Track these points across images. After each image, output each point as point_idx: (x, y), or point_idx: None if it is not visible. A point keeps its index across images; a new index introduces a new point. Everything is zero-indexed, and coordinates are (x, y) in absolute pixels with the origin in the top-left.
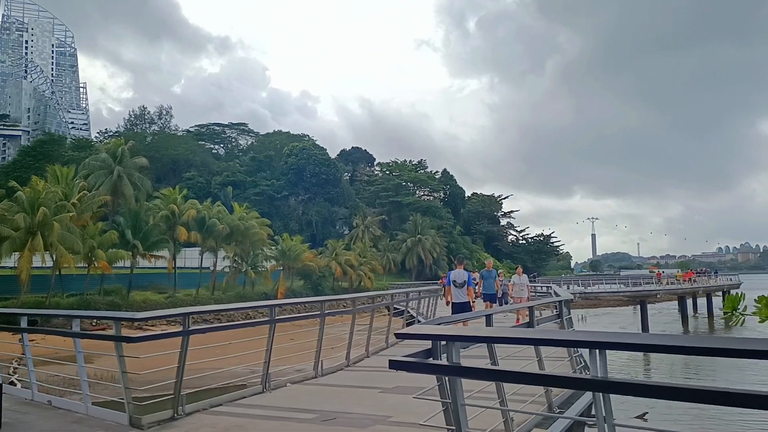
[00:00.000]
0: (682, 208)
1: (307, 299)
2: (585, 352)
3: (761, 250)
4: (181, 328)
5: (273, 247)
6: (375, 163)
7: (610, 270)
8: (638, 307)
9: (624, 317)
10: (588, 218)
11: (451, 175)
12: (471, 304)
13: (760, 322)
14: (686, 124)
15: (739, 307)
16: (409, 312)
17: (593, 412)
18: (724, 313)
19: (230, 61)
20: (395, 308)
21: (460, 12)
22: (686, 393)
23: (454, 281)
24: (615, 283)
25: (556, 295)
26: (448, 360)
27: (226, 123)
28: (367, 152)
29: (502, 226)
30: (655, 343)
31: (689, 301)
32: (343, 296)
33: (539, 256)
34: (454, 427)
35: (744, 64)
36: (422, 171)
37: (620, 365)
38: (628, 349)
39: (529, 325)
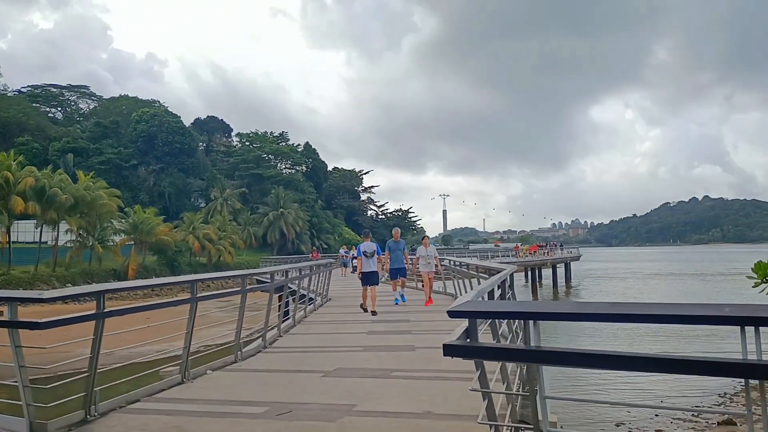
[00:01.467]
0: (523, 187)
1: (228, 273)
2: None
3: (588, 226)
4: (94, 309)
5: (123, 220)
6: (233, 133)
7: (459, 244)
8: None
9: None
10: (440, 195)
11: (314, 149)
12: (379, 273)
13: None
14: (529, 109)
15: None
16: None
17: None
18: (756, 282)
19: (66, 16)
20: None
21: None
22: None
23: (365, 252)
24: (476, 256)
25: (487, 269)
26: (525, 342)
27: (64, 85)
28: (224, 122)
29: (363, 201)
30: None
31: (537, 272)
32: (261, 270)
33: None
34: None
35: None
36: (284, 143)
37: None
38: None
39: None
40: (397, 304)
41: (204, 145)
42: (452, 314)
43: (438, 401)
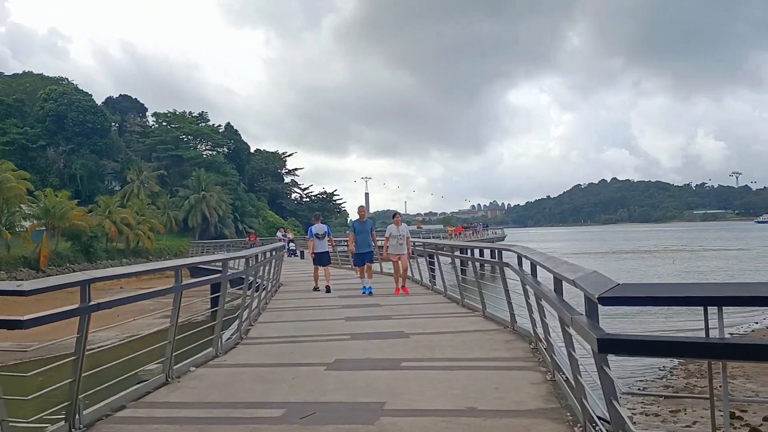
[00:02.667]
0: (443, 169)
1: (208, 258)
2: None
3: (506, 208)
4: (78, 303)
5: (33, 205)
6: (148, 113)
7: (382, 227)
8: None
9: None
10: (362, 177)
11: (236, 130)
12: (330, 253)
13: None
14: (449, 92)
15: None
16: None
17: None
18: None
19: None
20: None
21: None
22: None
23: (317, 234)
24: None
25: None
26: (706, 334)
27: None
28: (138, 101)
29: (287, 183)
30: None
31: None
32: (238, 254)
33: (323, 213)
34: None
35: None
36: (204, 124)
37: None
38: None
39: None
40: (365, 292)
41: (117, 125)
42: (606, 301)
43: (472, 394)
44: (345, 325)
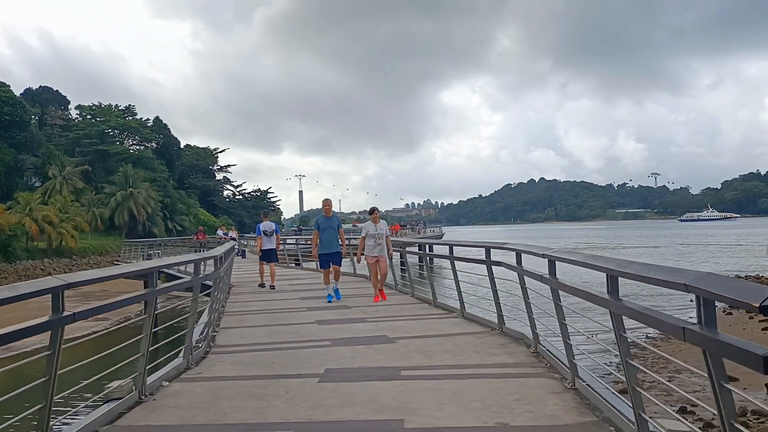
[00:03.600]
0: (378, 168)
1: (183, 258)
2: None
3: (439, 206)
4: (49, 315)
5: None
6: (71, 106)
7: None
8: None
9: None
10: (296, 175)
11: (165, 124)
12: (277, 251)
13: None
14: (384, 90)
15: None
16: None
17: None
18: None
19: None
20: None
21: None
22: None
23: (265, 231)
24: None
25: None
26: None
27: None
28: (60, 93)
29: (218, 180)
30: None
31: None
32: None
33: (256, 211)
34: None
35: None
36: (131, 117)
37: None
38: None
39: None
40: (330, 301)
41: (37, 118)
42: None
43: (495, 407)
44: (319, 329)
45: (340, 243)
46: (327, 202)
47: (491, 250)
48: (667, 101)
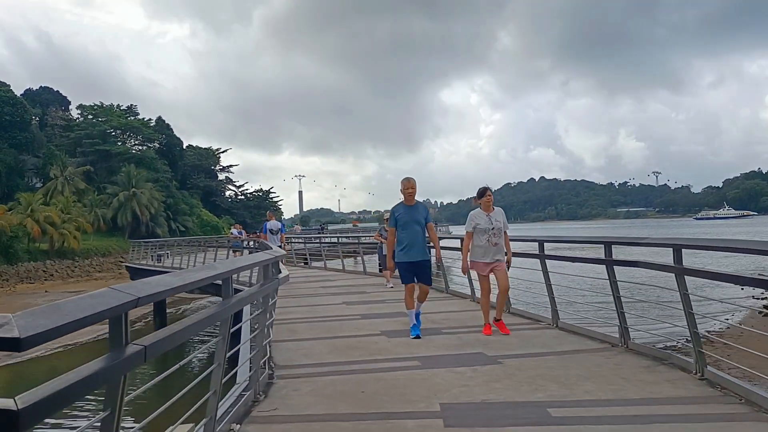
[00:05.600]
0: (377, 167)
1: (257, 260)
2: None
3: (439, 206)
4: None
5: None
6: (74, 106)
7: (317, 225)
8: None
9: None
10: (295, 175)
11: (168, 124)
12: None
13: None
14: (383, 89)
15: None
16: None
17: None
18: None
19: None
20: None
21: None
22: None
23: (270, 230)
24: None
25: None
26: None
27: None
28: (60, 94)
29: (221, 180)
30: None
31: None
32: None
33: (258, 211)
34: None
35: (432, 37)
36: (133, 117)
37: None
38: None
39: None
40: (416, 336)
41: (38, 118)
42: None
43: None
44: (391, 343)
45: (431, 245)
46: (409, 183)
47: (612, 246)
48: (668, 99)
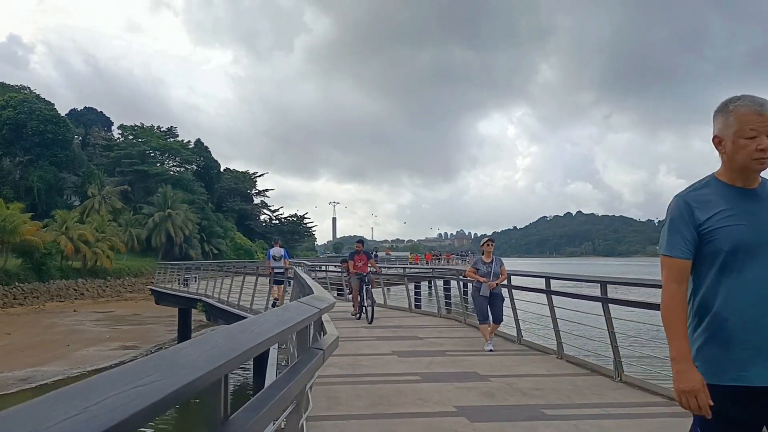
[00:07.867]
0: (412, 196)
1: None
2: None
3: (473, 237)
4: None
5: None
6: (115, 127)
7: (348, 251)
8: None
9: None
10: (330, 202)
11: (206, 146)
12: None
13: None
14: (421, 118)
15: None
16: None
17: None
18: None
19: None
20: None
21: None
22: None
23: (274, 256)
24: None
25: None
26: None
27: None
28: (104, 114)
29: (256, 204)
30: None
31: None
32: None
33: (292, 236)
34: None
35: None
36: (173, 139)
37: None
38: None
39: None
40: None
41: (80, 138)
42: None
43: None
44: (440, 390)
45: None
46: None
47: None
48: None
